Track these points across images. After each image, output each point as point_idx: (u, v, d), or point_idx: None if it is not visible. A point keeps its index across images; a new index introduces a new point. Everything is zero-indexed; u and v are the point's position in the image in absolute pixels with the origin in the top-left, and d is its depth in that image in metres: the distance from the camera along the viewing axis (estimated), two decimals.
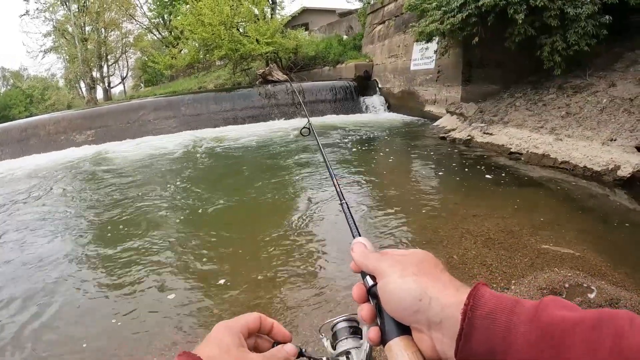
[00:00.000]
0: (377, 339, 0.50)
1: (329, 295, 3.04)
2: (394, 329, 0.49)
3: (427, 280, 0.47)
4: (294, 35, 17.98)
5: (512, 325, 0.40)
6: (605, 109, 6.35)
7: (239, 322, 0.56)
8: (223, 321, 0.56)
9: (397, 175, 6.63)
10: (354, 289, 0.56)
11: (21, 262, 4.26)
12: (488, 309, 0.42)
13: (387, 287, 0.49)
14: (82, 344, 2.75)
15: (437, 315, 0.45)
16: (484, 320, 0.41)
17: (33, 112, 36.83)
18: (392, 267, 0.50)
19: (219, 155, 9.25)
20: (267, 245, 4.02)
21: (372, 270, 0.53)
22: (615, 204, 4.59)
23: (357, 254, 0.57)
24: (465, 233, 3.89)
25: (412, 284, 0.47)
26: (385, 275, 0.50)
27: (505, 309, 0.41)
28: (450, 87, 10.57)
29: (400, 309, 0.48)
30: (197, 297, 3.22)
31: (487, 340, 0.40)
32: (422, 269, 0.49)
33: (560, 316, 0.38)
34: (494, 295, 0.43)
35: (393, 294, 0.48)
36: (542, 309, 0.40)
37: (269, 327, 0.60)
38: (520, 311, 0.40)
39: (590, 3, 6.82)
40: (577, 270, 3.05)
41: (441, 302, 0.45)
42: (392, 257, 0.52)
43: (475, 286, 0.45)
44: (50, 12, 29.07)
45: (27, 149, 12.17)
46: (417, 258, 0.51)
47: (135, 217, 5.29)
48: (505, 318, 0.40)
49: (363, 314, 0.53)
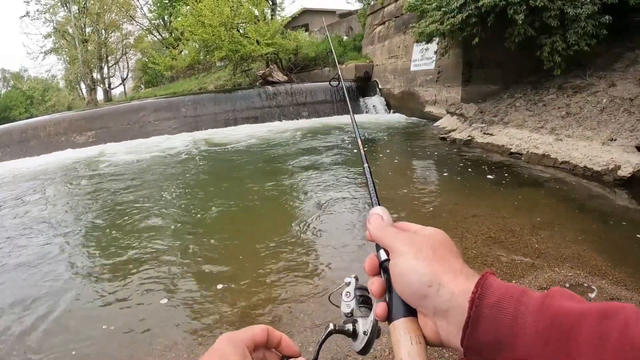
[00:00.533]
0: (384, 315, 0.50)
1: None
2: (400, 309, 0.49)
3: (439, 266, 0.47)
4: (294, 36, 18.00)
5: (519, 315, 0.40)
6: (605, 109, 6.35)
7: (244, 335, 0.53)
8: (227, 333, 0.53)
9: (398, 175, 6.63)
10: (367, 260, 0.55)
11: (16, 264, 4.25)
12: (496, 298, 0.41)
13: (398, 267, 0.49)
14: (80, 345, 2.75)
15: (444, 303, 0.44)
16: (491, 309, 0.41)
17: (33, 113, 36.89)
18: (407, 246, 0.49)
19: (219, 156, 9.25)
20: (267, 247, 4.02)
21: (387, 246, 0.52)
22: (615, 204, 4.59)
23: (373, 225, 0.56)
24: (466, 233, 3.89)
25: (423, 268, 0.46)
26: (399, 254, 0.49)
27: (513, 298, 0.41)
28: (450, 87, 10.57)
29: (408, 292, 0.47)
30: (196, 299, 3.22)
31: (495, 329, 0.40)
32: (437, 253, 0.48)
33: (567, 307, 0.38)
34: (501, 285, 0.43)
35: (403, 275, 0.48)
36: (550, 299, 0.39)
37: (277, 341, 0.57)
38: (527, 301, 0.40)
39: (590, 3, 6.82)
40: (578, 270, 3.04)
41: (450, 290, 0.44)
42: (409, 236, 0.51)
43: (483, 275, 0.44)
44: (51, 13, 29.16)
45: (28, 150, 12.18)
46: (434, 240, 0.50)
47: (134, 219, 5.28)
48: (512, 307, 0.40)
49: (373, 288, 0.52)
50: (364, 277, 0.58)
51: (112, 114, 13.54)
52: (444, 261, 0.47)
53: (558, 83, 7.75)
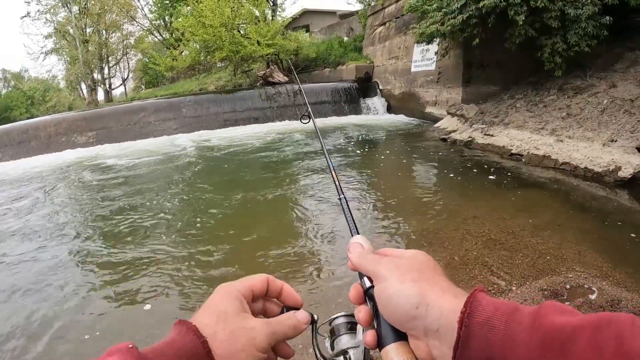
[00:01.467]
0: (374, 343, 0.49)
1: (330, 298, 3.04)
2: (390, 334, 0.48)
3: (425, 286, 0.46)
4: (295, 36, 18.00)
5: (511, 332, 0.39)
6: (606, 109, 6.35)
7: (242, 285, 0.53)
8: (225, 283, 0.52)
9: (398, 176, 6.63)
10: (352, 289, 0.54)
11: (12, 265, 4.26)
12: (485, 316, 0.41)
13: (384, 292, 0.48)
14: (79, 348, 2.75)
15: (434, 322, 0.43)
16: (481, 327, 0.40)
17: (34, 113, 36.86)
18: (391, 271, 0.48)
19: (219, 157, 9.25)
20: (267, 248, 4.02)
21: (370, 273, 0.51)
22: (616, 205, 4.59)
23: (354, 255, 0.55)
24: (466, 234, 3.89)
25: (410, 290, 0.46)
26: (383, 280, 0.48)
27: (504, 315, 0.40)
28: (450, 88, 10.57)
29: (397, 315, 0.46)
30: (196, 300, 3.22)
31: (486, 347, 0.39)
32: (422, 274, 0.48)
33: (561, 322, 0.37)
34: (491, 302, 0.42)
35: (390, 300, 0.47)
36: (543, 315, 0.39)
37: (278, 290, 0.56)
38: (519, 318, 0.40)
39: (591, 4, 6.82)
40: (578, 271, 3.04)
41: (439, 310, 0.44)
42: (391, 261, 0.50)
43: (472, 293, 0.43)
44: (52, 13, 29.13)
45: (28, 150, 12.20)
46: (417, 262, 0.50)
47: (132, 220, 5.28)
48: (503, 325, 0.39)
49: (360, 317, 0.51)
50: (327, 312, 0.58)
51: (112, 115, 13.56)
52: (430, 281, 0.47)
53: (558, 84, 7.75)
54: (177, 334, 0.46)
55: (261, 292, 0.54)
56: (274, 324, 0.52)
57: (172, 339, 0.45)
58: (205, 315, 0.48)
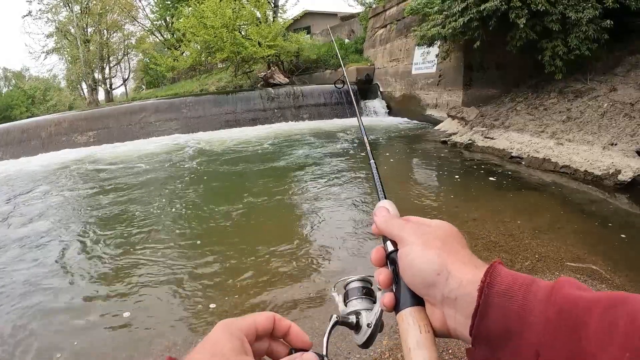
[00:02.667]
0: (391, 305, 0.50)
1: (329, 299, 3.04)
2: (408, 298, 0.49)
3: (447, 255, 0.47)
4: (296, 38, 18.02)
5: (528, 303, 0.40)
6: (606, 113, 6.36)
7: (244, 323, 0.48)
8: (226, 320, 0.48)
9: (398, 179, 6.63)
10: (373, 251, 0.54)
11: (7, 263, 4.26)
12: (505, 287, 0.41)
13: (408, 255, 0.48)
14: (77, 348, 2.75)
15: (453, 291, 0.44)
16: (500, 297, 0.41)
17: (34, 112, 36.82)
18: (416, 236, 0.49)
19: (218, 158, 9.25)
20: (267, 250, 4.02)
21: (395, 236, 0.52)
22: (615, 208, 4.59)
23: (380, 218, 0.55)
24: (467, 236, 3.85)
25: (433, 257, 0.46)
26: (408, 244, 0.49)
27: (522, 287, 0.41)
28: (451, 91, 10.59)
29: (417, 280, 0.47)
30: (195, 301, 3.22)
31: (503, 317, 0.40)
32: (445, 243, 0.48)
33: (576, 295, 0.38)
34: (510, 274, 0.43)
35: (413, 264, 0.48)
36: (559, 289, 0.40)
37: (285, 330, 0.52)
38: (536, 290, 0.40)
39: (592, 7, 6.83)
40: (578, 274, 3.05)
41: (458, 279, 0.44)
42: (417, 227, 0.51)
43: (492, 264, 0.44)
44: (53, 13, 29.16)
45: (28, 149, 12.20)
46: (443, 231, 0.50)
47: (127, 223, 5.27)
48: (521, 296, 0.40)
49: (380, 279, 0.52)
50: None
51: (113, 115, 13.56)
52: (453, 251, 0.48)
53: (559, 87, 7.76)
54: None
55: (266, 331, 0.50)
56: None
57: None
58: (200, 354, 0.43)
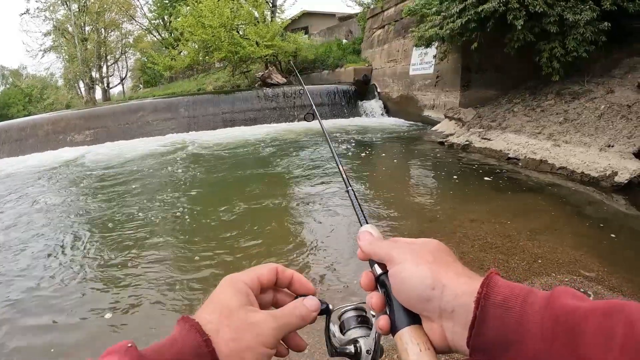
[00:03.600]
0: (387, 328, 0.49)
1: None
2: (404, 318, 0.48)
3: (440, 269, 0.47)
4: (294, 38, 18.01)
5: (525, 313, 0.40)
6: (603, 115, 6.37)
7: (248, 276, 0.50)
8: (230, 275, 0.50)
9: (395, 179, 6.63)
10: (362, 276, 0.54)
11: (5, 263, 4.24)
12: (501, 297, 0.41)
13: (400, 274, 0.48)
14: (75, 349, 2.73)
15: (449, 303, 0.44)
16: (497, 308, 0.41)
17: (32, 111, 36.71)
18: (406, 254, 0.49)
19: (217, 158, 9.23)
20: (267, 252, 4.02)
21: (383, 258, 0.51)
22: (612, 210, 4.60)
23: (364, 242, 0.55)
24: (463, 237, 3.89)
25: (425, 272, 0.46)
26: (398, 262, 0.49)
27: (519, 297, 0.41)
28: (448, 92, 10.60)
29: (412, 297, 0.47)
30: (193, 303, 3.21)
31: (501, 328, 0.40)
32: (436, 257, 0.48)
33: (572, 305, 0.38)
34: (507, 284, 0.43)
35: (406, 282, 0.47)
36: (556, 298, 0.39)
37: (288, 280, 0.54)
38: (533, 300, 0.40)
39: (589, 9, 6.84)
40: (574, 275, 3.04)
41: (454, 291, 0.44)
42: (405, 245, 0.51)
43: (488, 275, 0.44)
44: (51, 11, 29.11)
45: (25, 148, 12.15)
46: (432, 246, 0.51)
47: (123, 223, 5.25)
48: (519, 306, 0.40)
49: (373, 302, 0.51)
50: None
51: (110, 114, 13.54)
52: (445, 264, 0.48)
53: (556, 89, 7.78)
54: (179, 332, 0.44)
55: (270, 282, 0.52)
56: (280, 315, 0.50)
57: (174, 337, 0.44)
58: (209, 310, 0.46)
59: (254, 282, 0.50)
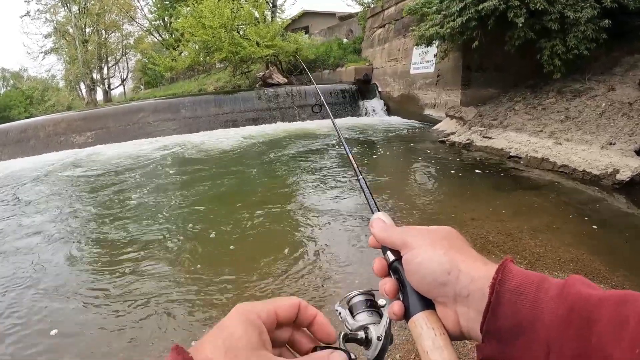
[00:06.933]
0: (401, 313, 0.49)
1: (332, 300, 3.04)
2: (418, 303, 0.48)
3: (456, 254, 0.47)
4: (294, 38, 18.01)
5: (539, 300, 0.40)
6: (605, 113, 6.36)
7: (265, 309, 0.43)
8: (244, 303, 0.43)
9: (396, 178, 6.62)
10: (376, 262, 0.54)
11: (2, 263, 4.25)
12: (516, 283, 0.42)
13: (415, 259, 0.48)
14: (75, 350, 2.74)
15: (464, 288, 0.45)
16: (512, 294, 0.41)
17: (33, 113, 36.74)
18: (421, 239, 0.49)
19: (217, 159, 9.23)
20: (267, 258, 4.01)
21: (398, 243, 0.51)
22: (614, 208, 4.59)
23: (377, 229, 0.55)
24: (464, 236, 3.81)
25: (441, 256, 0.47)
26: (413, 248, 0.49)
27: (533, 284, 0.42)
28: (449, 91, 10.59)
29: (427, 282, 0.47)
30: (193, 302, 3.21)
31: (515, 313, 0.41)
32: (451, 243, 0.49)
33: (587, 293, 0.39)
34: (521, 271, 0.43)
35: (421, 266, 0.47)
36: (570, 285, 0.40)
37: (310, 320, 0.47)
38: (547, 287, 0.41)
39: (590, 7, 6.83)
40: (576, 273, 3.03)
41: (470, 276, 0.45)
42: (419, 231, 0.51)
43: (504, 261, 0.45)
44: (51, 13, 29.19)
45: (27, 149, 12.17)
46: (446, 232, 0.51)
47: (121, 224, 5.27)
48: (533, 293, 0.41)
49: (386, 288, 0.51)
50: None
51: (111, 115, 13.53)
52: (460, 249, 0.48)
53: (557, 87, 7.76)
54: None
55: (289, 318, 0.45)
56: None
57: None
58: (212, 347, 0.37)
59: (271, 316, 0.43)
